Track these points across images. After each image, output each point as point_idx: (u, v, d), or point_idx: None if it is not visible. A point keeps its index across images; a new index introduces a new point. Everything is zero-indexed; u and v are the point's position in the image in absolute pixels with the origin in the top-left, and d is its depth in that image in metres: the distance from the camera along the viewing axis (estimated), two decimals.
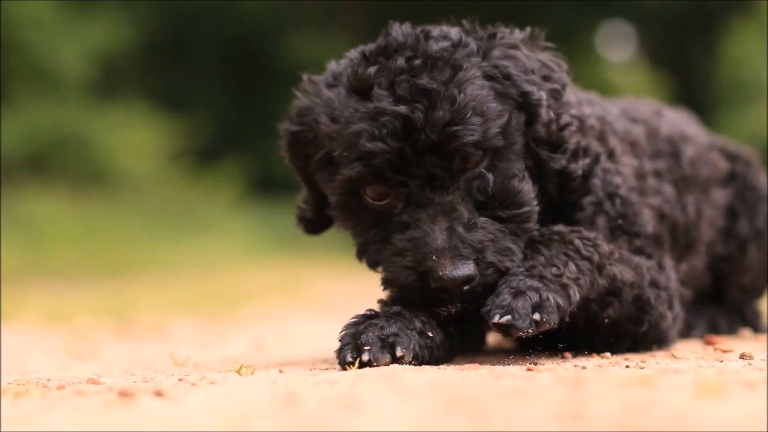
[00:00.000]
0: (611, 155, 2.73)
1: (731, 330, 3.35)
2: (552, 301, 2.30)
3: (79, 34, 14.28)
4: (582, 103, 2.75)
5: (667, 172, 3.03)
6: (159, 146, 14.35)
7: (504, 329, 2.28)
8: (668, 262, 2.80)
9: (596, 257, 2.46)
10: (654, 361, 2.45)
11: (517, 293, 2.29)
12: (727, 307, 3.38)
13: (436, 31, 2.54)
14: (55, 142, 13.48)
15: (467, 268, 2.32)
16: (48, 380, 2.40)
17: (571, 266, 2.39)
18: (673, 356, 2.59)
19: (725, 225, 3.30)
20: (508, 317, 2.26)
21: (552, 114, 2.52)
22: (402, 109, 2.36)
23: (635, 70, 18.26)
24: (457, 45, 2.48)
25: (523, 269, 2.35)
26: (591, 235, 2.51)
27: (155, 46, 17.25)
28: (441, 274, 2.31)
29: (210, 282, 8.94)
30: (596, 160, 2.67)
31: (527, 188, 2.46)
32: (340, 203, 2.53)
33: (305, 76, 2.65)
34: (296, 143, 2.62)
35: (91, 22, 14.65)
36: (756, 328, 3.42)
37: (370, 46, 2.54)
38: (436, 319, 2.40)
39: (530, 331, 2.26)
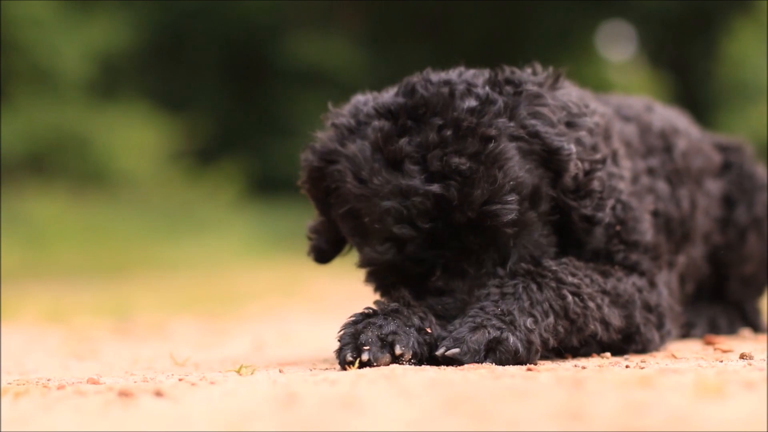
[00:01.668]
0: (614, 157, 2.72)
1: (731, 330, 3.35)
2: (511, 344, 2.29)
3: (79, 34, 14.29)
4: (584, 98, 2.73)
5: (660, 167, 3.03)
6: (159, 146, 14.35)
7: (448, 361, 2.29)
8: (661, 278, 2.79)
9: (580, 320, 2.45)
10: (654, 361, 2.45)
11: (477, 327, 2.30)
12: (728, 303, 3.38)
13: (460, 84, 2.49)
14: (55, 142, 13.48)
15: None
16: (48, 380, 2.40)
17: (550, 321, 2.38)
18: (673, 356, 2.58)
19: (722, 215, 3.30)
20: (455, 351, 2.27)
21: (579, 164, 2.52)
22: (435, 188, 2.35)
23: (635, 70, 18.27)
24: (484, 103, 2.45)
25: (497, 311, 2.34)
26: (588, 290, 2.48)
27: (155, 46, 17.26)
28: None
29: (210, 282, 8.94)
30: (602, 163, 2.65)
31: (549, 244, 2.53)
32: (369, 269, 2.56)
33: (330, 113, 2.63)
34: (318, 177, 2.59)
35: (91, 22, 14.65)
36: (756, 327, 3.41)
37: (398, 101, 2.48)
38: (435, 316, 2.41)
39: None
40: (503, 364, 2.28)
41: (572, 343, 2.47)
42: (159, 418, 1.71)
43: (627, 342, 2.62)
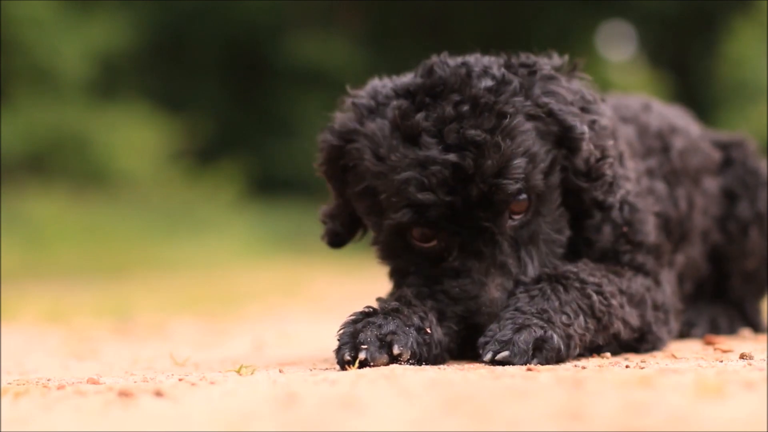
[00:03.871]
0: (620, 159, 2.74)
1: (732, 330, 3.35)
2: (555, 342, 2.31)
3: (79, 34, 14.29)
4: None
5: (658, 168, 3.04)
6: (159, 146, 14.36)
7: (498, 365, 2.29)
8: (665, 276, 2.82)
9: (606, 318, 2.47)
10: (654, 361, 2.45)
11: (521, 327, 2.31)
12: (729, 303, 3.38)
13: (477, 65, 2.52)
14: (55, 142, 13.49)
15: None
16: (48, 380, 2.40)
17: (581, 320, 2.41)
18: (673, 356, 2.59)
19: (722, 212, 3.31)
20: (505, 354, 2.28)
21: (592, 147, 2.54)
22: (452, 157, 2.37)
23: (635, 70, 18.27)
24: (500, 83, 2.47)
25: (533, 310, 2.35)
26: (609, 288, 2.51)
27: (155, 46, 17.26)
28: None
29: (210, 282, 8.94)
30: (614, 151, 2.66)
31: (564, 226, 2.56)
32: (385, 243, 2.57)
33: (349, 93, 2.64)
34: (336, 157, 2.60)
35: (91, 22, 14.66)
36: (757, 327, 3.41)
37: (416, 81, 2.52)
38: (435, 317, 2.41)
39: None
40: (548, 363, 2.29)
41: (598, 341, 2.49)
42: (159, 418, 1.71)
43: (640, 341, 2.66)
